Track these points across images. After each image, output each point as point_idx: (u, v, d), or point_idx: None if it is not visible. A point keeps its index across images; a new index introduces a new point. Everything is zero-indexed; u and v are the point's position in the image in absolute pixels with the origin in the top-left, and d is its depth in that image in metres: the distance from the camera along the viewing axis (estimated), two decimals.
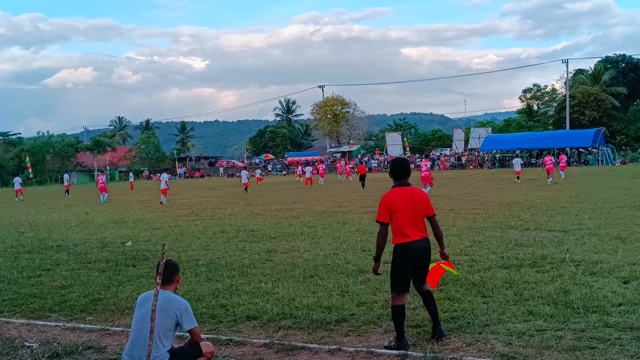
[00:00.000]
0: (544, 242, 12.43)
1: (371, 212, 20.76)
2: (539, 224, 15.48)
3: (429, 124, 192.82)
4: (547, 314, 7.18)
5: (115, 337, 7.26)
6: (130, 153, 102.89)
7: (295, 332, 7.12)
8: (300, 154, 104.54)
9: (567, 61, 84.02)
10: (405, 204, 6.62)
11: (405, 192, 6.74)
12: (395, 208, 6.61)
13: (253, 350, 6.59)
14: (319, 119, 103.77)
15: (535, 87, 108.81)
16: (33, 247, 15.33)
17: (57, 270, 11.76)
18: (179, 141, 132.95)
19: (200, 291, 9.23)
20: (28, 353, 6.77)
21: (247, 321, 7.66)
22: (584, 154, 71.00)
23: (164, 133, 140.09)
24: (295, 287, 9.33)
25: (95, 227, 19.83)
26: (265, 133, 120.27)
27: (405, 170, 6.97)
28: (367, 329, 7.10)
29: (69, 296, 9.47)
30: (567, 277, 9.06)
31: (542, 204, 20.81)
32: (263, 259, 12.00)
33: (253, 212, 23.29)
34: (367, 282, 9.38)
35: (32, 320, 8.29)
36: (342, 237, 14.55)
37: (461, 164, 76.06)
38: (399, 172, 6.91)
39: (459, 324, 7.03)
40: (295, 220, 19.10)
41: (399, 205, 6.59)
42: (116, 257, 13.16)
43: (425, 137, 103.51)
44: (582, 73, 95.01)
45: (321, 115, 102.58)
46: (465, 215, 18.28)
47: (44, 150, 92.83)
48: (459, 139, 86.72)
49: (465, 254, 11.45)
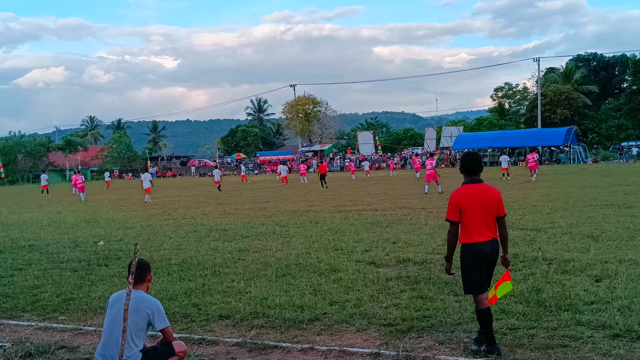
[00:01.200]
0: (516, 241, 12.55)
1: (343, 211, 20.82)
2: (511, 223, 15.58)
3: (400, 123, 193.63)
4: (519, 312, 7.26)
5: (87, 336, 7.22)
6: (102, 152, 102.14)
7: (268, 331, 7.12)
8: (272, 153, 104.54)
9: (539, 60, 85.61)
10: (476, 203, 6.26)
11: (476, 189, 6.37)
12: (466, 206, 6.24)
13: (226, 349, 6.59)
14: (291, 118, 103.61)
15: (506, 85, 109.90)
16: (5, 247, 15.15)
17: (29, 270, 11.65)
18: (151, 140, 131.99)
19: (173, 290, 9.19)
20: (1, 353, 6.70)
21: (220, 320, 7.65)
22: (555, 152, 71.83)
23: (136, 132, 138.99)
24: (268, 286, 9.33)
25: (68, 227, 19.62)
26: (237, 132, 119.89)
27: (478, 165, 6.53)
28: (339, 327, 7.13)
29: (41, 296, 9.39)
30: (539, 275, 9.17)
31: (514, 203, 21.02)
32: (235, 258, 11.97)
33: (225, 211, 23.21)
34: (340, 281, 9.41)
35: (5, 319, 8.22)
36: (315, 236, 14.57)
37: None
38: (470, 167, 6.50)
39: (432, 322, 7.08)
40: (268, 220, 19.08)
41: (470, 204, 6.24)
42: (88, 256, 13.05)
43: (397, 136, 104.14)
44: (554, 71, 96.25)
45: (293, 114, 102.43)
46: (437, 214, 18.38)
47: (16, 150, 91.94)
48: (430, 138, 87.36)
49: (438, 253, 11.53)
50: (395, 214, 19.19)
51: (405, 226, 15.82)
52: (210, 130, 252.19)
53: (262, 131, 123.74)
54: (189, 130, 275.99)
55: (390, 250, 12.10)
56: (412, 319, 7.17)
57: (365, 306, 7.88)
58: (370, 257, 11.31)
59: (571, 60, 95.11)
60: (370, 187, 37.12)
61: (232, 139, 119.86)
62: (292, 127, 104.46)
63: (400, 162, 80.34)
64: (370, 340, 6.63)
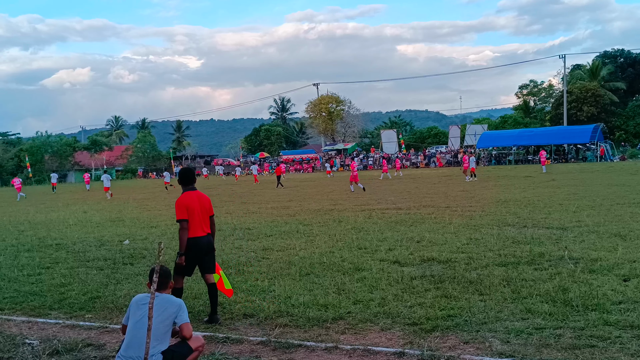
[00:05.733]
0: (542, 240, 12.43)
1: (366, 210, 20.77)
2: (537, 221, 15.49)
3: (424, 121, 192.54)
4: (545, 312, 7.17)
5: (113, 334, 7.27)
6: (127, 152, 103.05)
7: (292, 330, 7.12)
8: (296, 152, 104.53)
9: (565, 57, 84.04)
10: (197, 205, 7.45)
11: (194, 195, 7.60)
12: (191, 208, 7.35)
13: (250, 348, 6.60)
14: (314, 117, 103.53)
15: (531, 83, 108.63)
16: (33, 246, 15.36)
17: (56, 269, 11.78)
18: (175, 140, 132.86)
19: (198, 289, 9.23)
20: (29, 350, 6.79)
21: (244, 319, 7.68)
22: (582, 150, 70.94)
23: (160, 132, 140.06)
24: (292, 285, 9.33)
25: (93, 226, 19.82)
26: (260, 131, 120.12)
27: (192, 178, 7.90)
28: (363, 327, 7.10)
29: (68, 294, 9.50)
30: (565, 274, 9.06)
31: (539, 201, 20.83)
32: (259, 257, 12.01)
33: (249, 210, 23.28)
34: (363, 280, 9.38)
35: (33, 317, 8.32)
36: (338, 235, 14.55)
37: (457, 161, 76.04)
38: (186, 180, 7.76)
39: (456, 322, 7.03)
40: (291, 218, 19.10)
41: (192, 206, 7.35)
42: (114, 255, 13.17)
43: (421, 134, 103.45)
44: (580, 68, 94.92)
45: (316, 113, 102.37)
46: (462, 213, 18.29)
47: (43, 150, 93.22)
48: (454, 136, 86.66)
49: (462, 252, 11.46)
50: (420, 212, 19.10)
51: (430, 225, 15.74)
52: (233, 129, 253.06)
53: (285, 130, 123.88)
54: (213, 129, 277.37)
55: (415, 249, 12.05)
56: (436, 318, 7.13)
57: (390, 305, 7.85)
58: (394, 256, 11.27)
59: (598, 56, 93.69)
60: (393, 185, 37.01)
61: (256, 138, 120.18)
62: (315, 126, 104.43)
63: (425, 160, 80.00)
64: (395, 340, 6.60)
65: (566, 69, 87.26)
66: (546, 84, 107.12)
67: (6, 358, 6.60)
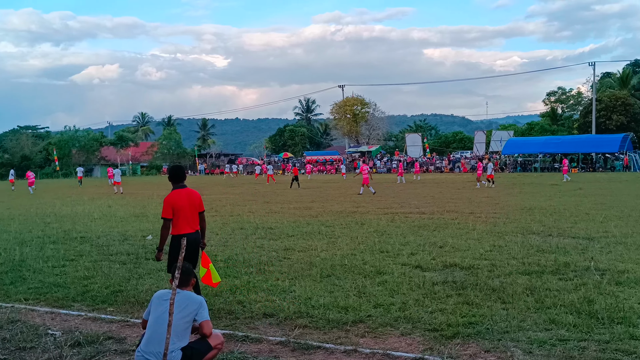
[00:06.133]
0: (567, 249, 12.27)
1: (389, 213, 20.70)
2: (562, 230, 15.30)
3: (449, 126, 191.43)
4: (570, 323, 7.05)
5: (134, 328, 7.32)
6: (152, 148, 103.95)
7: (312, 331, 7.10)
8: (319, 153, 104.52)
9: (594, 64, 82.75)
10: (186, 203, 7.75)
11: (184, 193, 7.88)
12: (178, 206, 7.66)
13: (269, 347, 6.59)
14: (339, 119, 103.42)
15: (560, 90, 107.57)
16: (58, 238, 15.56)
17: (80, 261, 11.92)
18: (200, 138, 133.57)
19: (218, 287, 9.24)
20: (51, 341, 6.87)
21: (264, 318, 7.67)
22: (610, 159, 70.00)
23: (186, 129, 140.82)
24: (312, 286, 9.31)
25: (117, 220, 20.01)
26: (285, 132, 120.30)
27: (182, 175, 8.15)
28: (383, 330, 7.06)
29: (91, 287, 9.60)
30: (591, 285, 8.91)
31: (565, 210, 20.59)
32: (280, 257, 12.01)
33: (271, 209, 23.32)
34: (385, 284, 9.33)
35: (56, 309, 8.42)
36: (360, 238, 14.51)
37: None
38: (176, 177, 8.00)
39: (478, 329, 6.95)
40: (313, 219, 19.09)
41: (181, 204, 7.66)
42: (137, 250, 13.27)
43: (446, 139, 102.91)
44: (610, 76, 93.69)
45: (341, 114, 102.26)
46: (486, 219, 18.14)
47: (70, 144, 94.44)
48: (480, 142, 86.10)
49: (485, 259, 11.35)
50: (443, 217, 18.98)
51: (453, 230, 15.63)
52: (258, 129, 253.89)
53: (309, 131, 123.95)
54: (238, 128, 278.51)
55: (437, 254, 11.96)
56: (457, 325, 7.05)
57: (410, 310, 7.79)
58: (417, 261, 11.20)
59: (628, 65, 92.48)
60: (417, 189, 36.85)
61: (280, 138, 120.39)
62: (339, 127, 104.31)
63: (449, 165, 79.57)
64: (415, 345, 6.55)
65: (596, 77, 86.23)
66: (575, 91, 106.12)
67: (29, 347, 6.68)
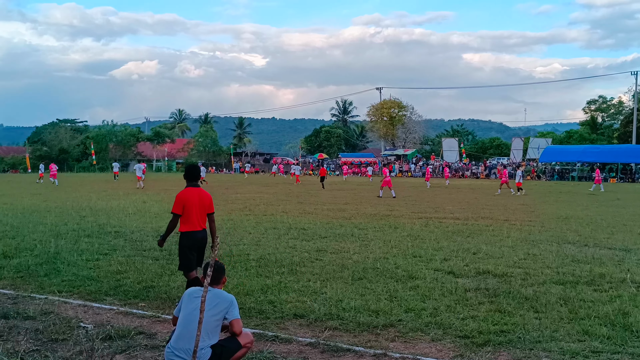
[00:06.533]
0: (603, 260, 12.05)
1: (423, 218, 20.57)
2: (599, 241, 15.04)
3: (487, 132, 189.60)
4: (603, 335, 6.93)
5: (165, 324, 7.38)
6: (189, 145, 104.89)
7: (342, 334, 7.08)
8: (354, 155, 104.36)
9: (637, 73, 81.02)
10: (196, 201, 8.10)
11: (195, 192, 8.19)
12: (189, 204, 7.98)
13: (298, 348, 6.59)
14: (375, 121, 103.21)
15: (600, 98, 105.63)
16: (93, 232, 15.76)
17: (113, 256, 12.06)
18: (236, 136, 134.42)
19: (250, 286, 9.28)
20: (83, 333, 6.96)
21: (294, 319, 7.67)
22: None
23: (222, 127, 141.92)
24: (344, 288, 9.30)
25: (152, 216, 20.24)
26: (321, 132, 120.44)
27: (197, 175, 8.48)
28: (414, 335, 7.01)
29: (123, 281, 9.70)
30: (626, 298, 8.75)
31: (602, 220, 20.24)
32: (313, 258, 12.01)
33: (305, 210, 23.35)
34: (417, 289, 9.27)
35: (89, 302, 8.53)
36: (393, 242, 14.44)
37: None
38: (191, 176, 8.30)
39: (509, 338, 6.86)
40: (347, 222, 19.06)
41: (191, 202, 7.99)
42: (170, 246, 13.29)
43: (483, 145, 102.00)
44: None
45: (377, 117, 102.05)
46: (521, 227, 17.92)
47: (108, 139, 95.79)
48: (517, 149, 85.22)
49: (519, 267, 11.21)
50: (477, 224, 18.80)
51: (487, 237, 15.47)
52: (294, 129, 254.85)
53: (345, 132, 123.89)
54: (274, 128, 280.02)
55: (470, 260, 11.85)
56: (489, 333, 6.98)
57: (442, 316, 7.73)
58: (449, 267, 11.10)
59: None
60: (452, 195, 36.57)
61: (316, 139, 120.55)
62: (375, 130, 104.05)
63: (485, 171, 78.79)
64: (445, 351, 6.49)
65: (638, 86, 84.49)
66: (616, 100, 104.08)
67: (61, 339, 6.77)
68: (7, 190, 36.10)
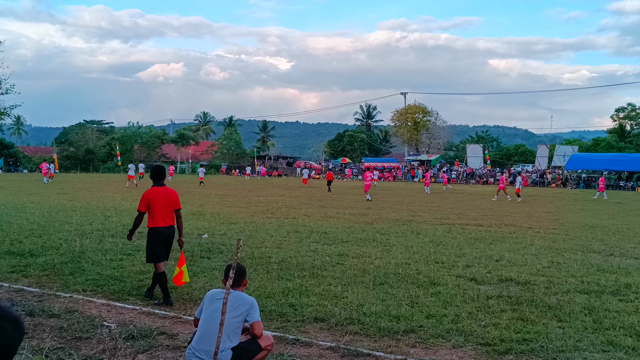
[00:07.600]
0: (629, 270, 11.89)
1: (446, 224, 20.46)
2: (625, 251, 14.84)
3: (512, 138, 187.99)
4: (629, 346, 6.85)
5: (187, 325, 7.42)
6: (213, 148, 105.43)
7: (362, 338, 7.07)
8: (378, 159, 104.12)
9: None
10: (162, 199, 8.58)
11: (161, 190, 8.62)
12: (153, 201, 8.40)
13: (319, 352, 6.59)
14: (399, 126, 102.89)
15: (629, 106, 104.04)
16: (117, 232, 15.91)
17: (137, 256, 12.13)
18: (260, 139, 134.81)
19: (271, 289, 9.31)
20: (106, 332, 7.03)
21: (315, 322, 7.67)
22: None
23: (246, 130, 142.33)
24: (365, 293, 9.28)
25: None
26: (344, 137, 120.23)
27: (163, 174, 8.90)
28: (435, 342, 6.98)
29: (146, 282, 9.75)
30: None
31: (629, 230, 19.97)
32: (334, 262, 12.00)
33: (327, 214, 23.34)
34: (438, 295, 9.22)
35: (112, 301, 8.62)
36: (415, 247, 14.38)
37: (543, 181, 73.94)
38: (157, 176, 8.67)
39: (532, 346, 6.80)
40: (368, 226, 19.02)
41: (156, 200, 8.42)
42: (192, 248, 13.45)
43: (508, 151, 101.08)
44: None
45: (401, 122, 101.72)
46: (545, 235, 17.74)
47: (133, 140, 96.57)
48: (542, 156, 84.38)
49: (542, 275, 11.10)
50: (500, 231, 18.66)
51: (510, 244, 15.35)
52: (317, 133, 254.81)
53: (369, 137, 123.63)
54: (298, 131, 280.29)
55: (493, 267, 11.76)
56: (511, 341, 6.92)
57: (463, 323, 7.68)
58: (472, 273, 11.03)
59: None
60: (475, 201, 36.33)
61: (339, 143, 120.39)
62: (399, 135, 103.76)
63: (509, 177, 78.16)
64: (466, 358, 6.46)
65: None
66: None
67: (85, 338, 6.85)
68: (35, 189, 36.56)
